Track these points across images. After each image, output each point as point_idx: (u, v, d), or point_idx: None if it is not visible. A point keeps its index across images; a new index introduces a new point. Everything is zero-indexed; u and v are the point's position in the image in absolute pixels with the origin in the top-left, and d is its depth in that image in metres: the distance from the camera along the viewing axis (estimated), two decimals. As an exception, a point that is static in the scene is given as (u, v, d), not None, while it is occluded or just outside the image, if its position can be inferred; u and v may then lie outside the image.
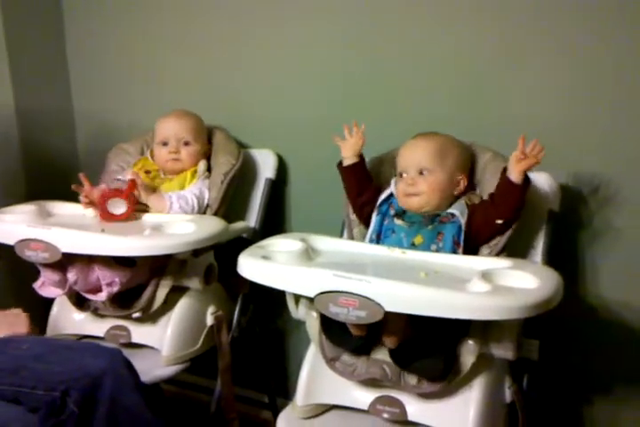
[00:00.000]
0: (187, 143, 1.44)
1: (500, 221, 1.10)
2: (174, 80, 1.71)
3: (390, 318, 0.91)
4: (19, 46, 1.69)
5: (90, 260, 1.25)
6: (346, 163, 1.24)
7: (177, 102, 1.63)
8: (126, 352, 1.09)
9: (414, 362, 1.03)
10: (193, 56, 1.66)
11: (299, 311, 1.15)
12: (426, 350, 1.03)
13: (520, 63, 1.27)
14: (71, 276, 1.25)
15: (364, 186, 1.24)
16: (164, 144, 1.45)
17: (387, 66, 1.41)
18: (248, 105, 1.61)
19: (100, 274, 1.26)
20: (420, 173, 1.16)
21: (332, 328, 1.08)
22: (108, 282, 1.27)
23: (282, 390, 1.70)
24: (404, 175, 1.18)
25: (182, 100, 1.66)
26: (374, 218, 1.20)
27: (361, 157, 1.24)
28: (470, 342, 1.02)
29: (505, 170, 1.11)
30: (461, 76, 1.34)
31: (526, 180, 1.09)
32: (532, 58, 1.26)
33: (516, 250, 1.16)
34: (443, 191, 1.16)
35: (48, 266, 1.24)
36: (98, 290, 1.29)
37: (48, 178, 1.78)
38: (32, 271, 1.29)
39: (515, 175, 1.09)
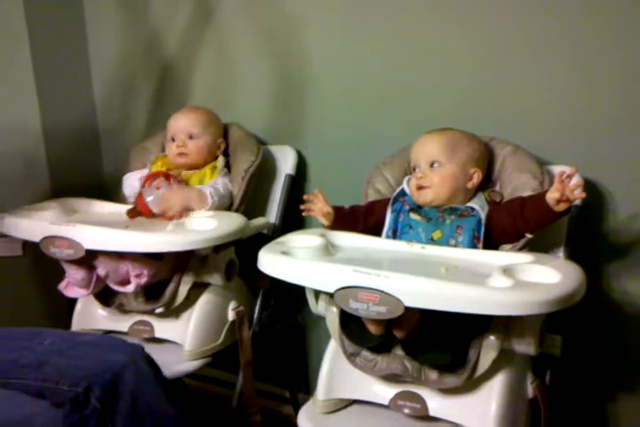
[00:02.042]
0: (193, 136, 1.45)
1: (530, 236, 1.09)
2: (196, 91, 1.73)
3: (405, 313, 0.90)
4: (45, 67, 1.72)
5: (119, 253, 1.27)
6: (327, 224, 1.22)
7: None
8: (150, 347, 1.10)
9: (424, 352, 1.03)
10: (212, 59, 1.67)
11: (319, 307, 1.15)
12: (436, 340, 1.02)
13: (534, 59, 1.25)
14: (100, 270, 1.27)
15: (358, 224, 1.22)
16: (173, 140, 1.46)
17: (401, 63, 1.40)
18: (268, 102, 1.61)
19: (130, 266, 1.28)
20: (431, 165, 1.16)
21: (350, 326, 1.08)
22: (137, 273, 1.29)
23: (303, 385, 1.71)
24: (417, 169, 1.18)
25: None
26: (388, 216, 1.19)
27: (335, 209, 1.21)
28: (491, 337, 1.01)
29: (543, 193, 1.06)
30: (475, 75, 1.32)
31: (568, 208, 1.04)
32: (543, 54, 1.24)
33: (538, 244, 1.14)
34: (454, 184, 1.15)
35: (73, 263, 1.26)
36: (127, 282, 1.31)
37: (74, 194, 1.80)
38: (58, 269, 1.31)
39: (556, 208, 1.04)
